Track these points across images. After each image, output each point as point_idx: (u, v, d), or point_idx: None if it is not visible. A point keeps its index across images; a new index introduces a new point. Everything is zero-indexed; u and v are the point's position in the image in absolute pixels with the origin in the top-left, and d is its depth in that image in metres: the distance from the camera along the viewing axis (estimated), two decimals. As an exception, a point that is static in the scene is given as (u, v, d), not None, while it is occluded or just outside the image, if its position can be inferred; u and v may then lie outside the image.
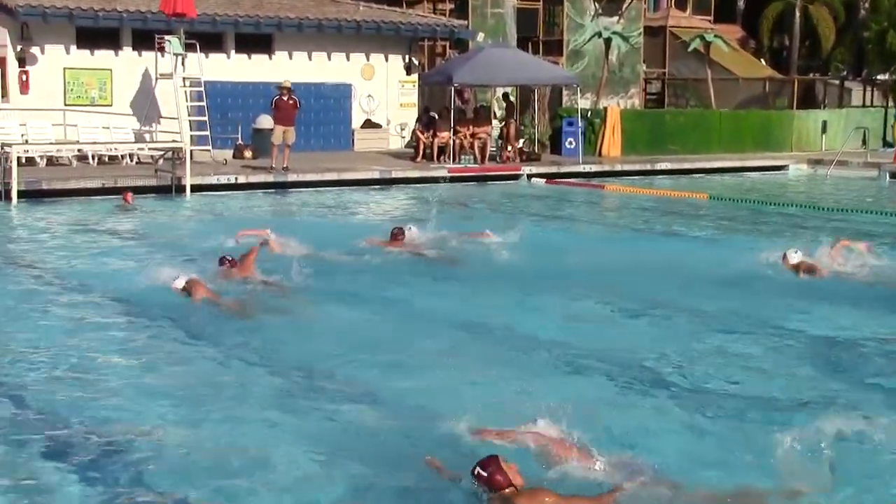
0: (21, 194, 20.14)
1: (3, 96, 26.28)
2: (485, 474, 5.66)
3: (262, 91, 27.59)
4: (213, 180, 22.85)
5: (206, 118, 26.55)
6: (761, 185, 26.69)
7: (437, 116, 28.16)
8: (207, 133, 26.46)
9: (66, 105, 26.66)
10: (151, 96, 27.11)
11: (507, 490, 5.60)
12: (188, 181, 21.78)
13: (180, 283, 11.07)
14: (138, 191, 21.30)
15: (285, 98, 24.75)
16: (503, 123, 29.61)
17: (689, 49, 37.02)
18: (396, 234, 14.38)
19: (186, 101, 26.72)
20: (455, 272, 13.24)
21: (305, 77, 29.09)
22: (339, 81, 30.21)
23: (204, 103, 26.69)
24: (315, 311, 10.87)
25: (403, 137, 31.44)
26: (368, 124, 30.94)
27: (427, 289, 12.19)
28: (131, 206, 19.40)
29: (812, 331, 10.27)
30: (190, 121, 26.53)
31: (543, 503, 5.54)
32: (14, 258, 14.40)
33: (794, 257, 12.82)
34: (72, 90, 27.09)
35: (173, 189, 21.83)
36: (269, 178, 23.74)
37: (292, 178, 23.94)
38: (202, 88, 26.77)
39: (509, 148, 28.08)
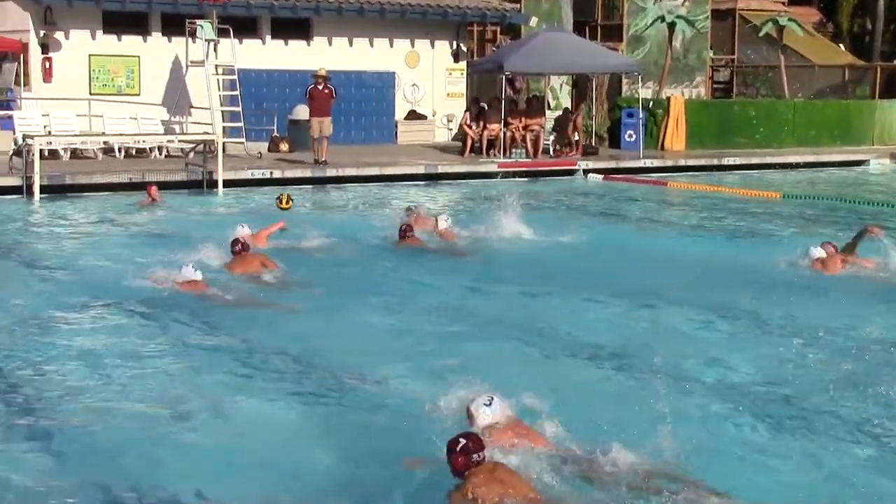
0: (44, 189, 20.38)
1: (24, 85, 26.69)
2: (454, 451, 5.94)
3: (299, 79, 27.73)
4: (246, 175, 23.02)
5: (239, 108, 26.75)
6: (839, 181, 26.45)
7: (486, 107, 28.18)
8: (241, 124, 26.65)
9: (91, 94, 26.98)
10: (181, 85, 27.36)
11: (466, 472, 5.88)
12: (220, 176, 21.94)
13: (188, 272, 11.93)
14: (167, 186, 21.53)
15: (320, 87, 24.88)
16: (563, 114, 29.53)
17: (761, 34, 36.72)
18: (405, 231, 14.86)
19: (219, 90, 26.96)
20: (490, 271, 13.57)
21: (345, 65, 29.21)
22: (382, 69, 30.33)
23: (237, 92, 26.88)
24: (324, 307, 11.42)
25: (450, 130, 31.53)
26: (413, 116, 31.04)
27: (458, 288, 12.50)
28: (156, 202, 19.51)
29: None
30: (222, 111, 26.76)
31: (497, 479, 5.76)
32: (36, 259, 14.57)
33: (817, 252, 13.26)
34: (97, 78, 27.41)
35: (204, 184, 22.02)
36: (307, 174, 23.87)
37: (331, 172, 24.06)
38: (235, 77, 26.96)
39: (576, 136, 27.91)
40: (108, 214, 18.75)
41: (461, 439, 6.01)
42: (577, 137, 28.08)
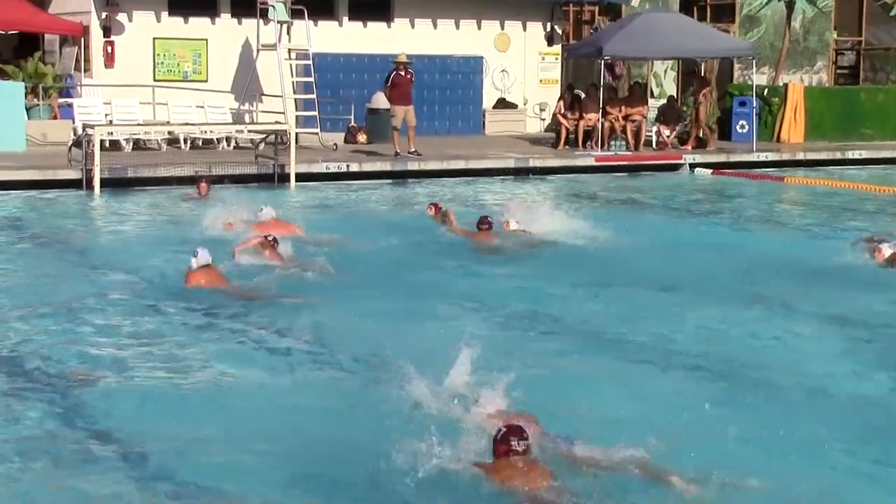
0: (104, 183, 20.68)
1: (85, 71, 27.18)
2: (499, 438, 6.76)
3: (378, 65, 27.90)
4: (321, 168, 23.19)
5: (314, 96, 26.94)
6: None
7: (583, 95, 28.10)
8: (315, 113, 26.84)
9: (155, 81, 27.37)
10: (252, 71, 27.65)
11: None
12: (293, 169, 22.11)
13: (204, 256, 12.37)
14: (236, 179, 21.78)
15: (403, 73, 25.00)
16: (667, 102, 29.33)
17: (892, 12, 36.10)
18: (482, 224, 15.37)
19: (292, 76, 27.20)
20: (585, 272, 13.74)
21: (429, 48, 29.28)
22: (469, 54, 30.38)
23: (312, 79, 27.09)
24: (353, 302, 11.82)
25: (543, 120, 31.52)
26: (502, 104, 31.05)
27: (540, 290, 12.70)
28: (204, 198, 19.17)
29: None
30: (296, 99, 27.03)
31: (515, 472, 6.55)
32: (93, 258, 14.72)
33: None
34: (162, 63, 27.85)
35: (276, 178, 22.22)
36: (386, 167, 24.00)
37: (412, 166, 24.18)
38: (310, 61, 27.18)
39: (700, 132, 27.68)
40: (173, 210, 18.96)
41: (503, 428, 6.81)
42: (695, 129, 27.77)
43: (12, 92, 24.24)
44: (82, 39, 27.18)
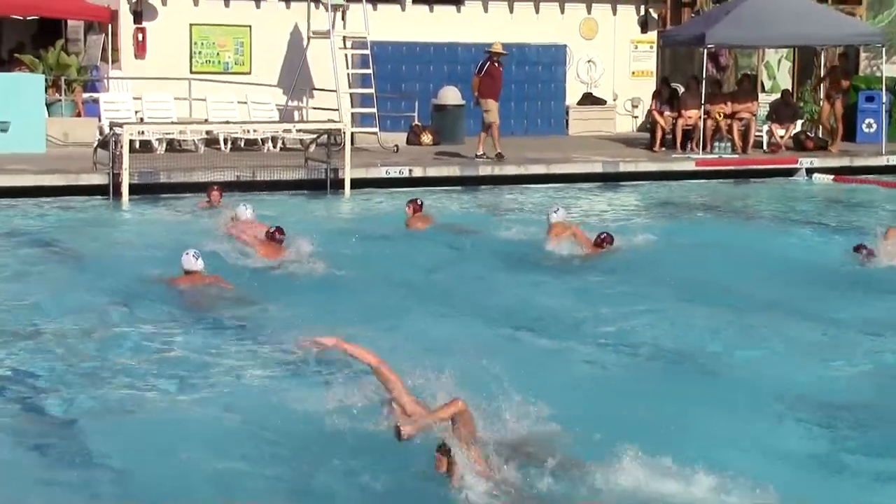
0: (134, 189, 20.81)
1: (113, 62, 27.44)
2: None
3: (446, 55, 27.92)
4: (380, 173, 23.28)
5: (372, 90, 27.04)
6: None
7: (682, 89, 28.07)
8: (374, 110, 26.93)
9: (192, 73, 27.60)
10: (302, 62, 27.77)
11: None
12: (347, 174, 22.18)
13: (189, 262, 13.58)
14: (284, 186, 21.91)
15: (497, 64, 25.14)
16: (781, 97, 29.13)
17: None
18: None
19: (347, 67, 27.32)
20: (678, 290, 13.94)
21: (504, 36, 29.03)
22: (550, 42, 30.40)
23: (370, 71, 27.18)
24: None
25: (635, 118, 31.56)
26: (589, 99, 31.05)
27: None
28: (214, 207, 19.13)
29: None
30: (351, 94, 27.12)
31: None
32: (123, 277, 14.50)
33: None
34: (200, 53, 28.11)
35: (328, 184, 22.31)
36: (455, 172, 24.06)
37: (485, 171, 24.23)
38: (368, 51, 27.27)
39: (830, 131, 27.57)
40: (210, 221, 18.85)
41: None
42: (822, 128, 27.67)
43: (32, 85, 24.55)
44: (110, 26, 27.44)
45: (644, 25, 31.26)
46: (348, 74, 27.24)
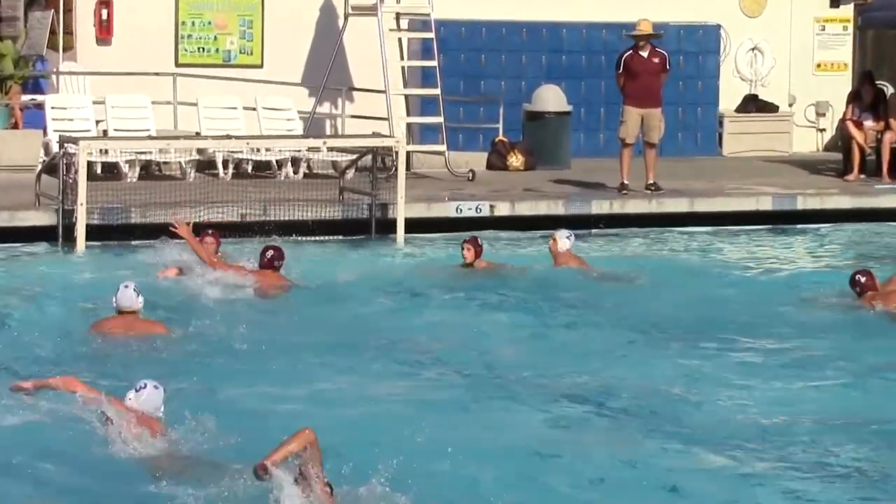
0: (94, 233, 20.76)
1: (64, 49, 27.33)
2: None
3: (545, 40, 27.77)
4: (447, 211, 23.24)
5: (438, 91, 26.89)
6: None
7: (890, 90, 28.08)
8: (440, 119, 26.73)
9: (177, 66, 27.62)
10: (335, 50, 27.61)
11: None
12: (401, 212, 22.06)
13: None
14: (309, 229, 21.75)
15: (644, 54, 24.96)
16: None
17: None
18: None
19: (402, 58, 27.28)
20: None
21: (622, 13, 28.85)
22: (694, 22, 30.31)
23: (434, 62, 27.09)
24: None
25: (822, 131, 31.31)
26: (752, 104, 30.94)
27: None
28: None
29: None
30: (407, 97, 27.01)
31: None
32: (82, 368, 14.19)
33: None
34: (189, 38, 28.12)
35: (373, 225, 22.37)
36: (558, 210, 23.91)
37: (601, 208, 24.16)
38: (432, 34, 27.17)
39: None
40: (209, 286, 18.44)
41: None
42: None
43: (-54, 85, 24.62)
44: (61, 0, 27.34)
45: (835, -2, 31.23)
46: (403, 68, 27.25)
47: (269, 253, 17.71)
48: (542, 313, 17.38)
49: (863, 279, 17.50)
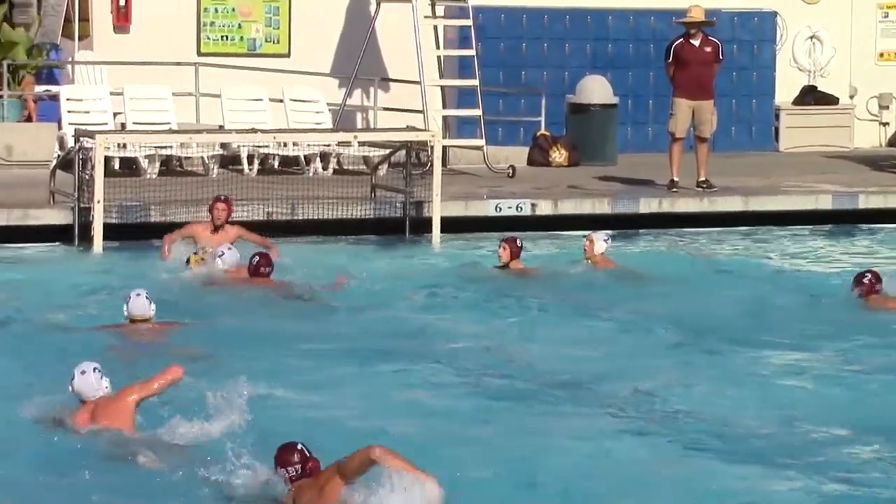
0: (111, 232, 20.88)
1: (80, 38, 27.57)
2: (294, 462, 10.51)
3: (590, 27, 27.88)
4: (487, 209, 23.37)
5: (476, 81, 27.08)
6: None
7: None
8: (478, 112, 26.94)
9: (199, 55, 27.87)
10: (367, 37, 27.79)
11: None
12: (437, 210, 22.22)
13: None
14: (339, 228, 22.06)
15: (696, 43, 25.05)
16: None
17: None
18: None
19: (438, 46, 27.43)
20: None
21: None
22: (747, 8, 30.48)
23: (472, 51, 27.29)
24: None
25: (885, 125, 31.42)
26: (811, 96, 31.00)
27: None
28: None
29: None
30: (443, 88, 27.22)
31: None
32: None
33: None
34: (212, 25, 28.37)
35: (406, 225, 22.54)
36: (604, 209, 24.07)
37: (649, 208, 24.30)
38: (470, 20, 27.37)
39: None
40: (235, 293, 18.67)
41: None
42: None
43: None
44: (77, -15, 27.75)
45: (899, -19, 31.16)
46: (439, 58, 27.40)
47: (255, 259, 18.07)
48: (576, 317, 17.49)
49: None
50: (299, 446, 10.60)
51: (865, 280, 18.00)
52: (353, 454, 10.24)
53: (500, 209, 23.40)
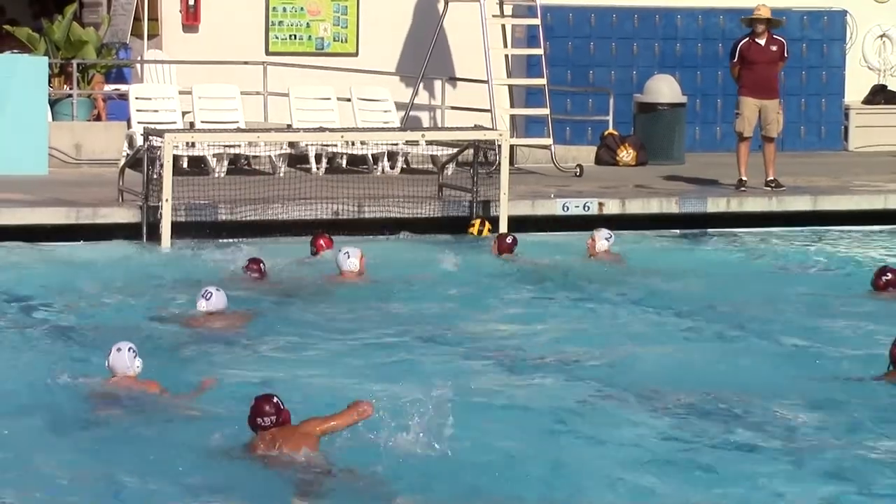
0: (178, 229, 20.93)
1: (149, 38, 27.71)
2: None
3: (658, 26, 27.79)
4: (554, 208, 23.30)
5: (543, 81, 27.03)
6: None
7: None
8: (546, 111, 26.89)
9: (267, 55, 27.92)
10: (435, 37, 27.77)
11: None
12: (504, 209, 22.20)
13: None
14: (406, 226, 22.06)
15: (762, 42, 24.88)
16: None
17: None
18: None
19: (505, 45, 27.42)
20: None
21: (741, -2, 29.01)
22: (819, 7, 30.26)
23: (540, 51, 27.25)
24: None
25: None
26: (882, 96, 30.91)
27: None
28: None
29: None
30: (511, 87, 27.14)
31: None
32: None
33: None
34: (280, 24, 28.41)
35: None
36: (671, 208, 23.97)
37: (717, 207, 24.16)
38: (538, 20, 27.31)
39: None
40: (307, 284, 18.86)
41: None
42: None
43: (28, 73, 24.81)
44: (146, -15, 27.81)
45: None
46: (507, 57, 27.39)
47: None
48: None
49: None
50: (275, 399, 11.35)
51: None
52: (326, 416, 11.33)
53: (568, 208, 23.28)
